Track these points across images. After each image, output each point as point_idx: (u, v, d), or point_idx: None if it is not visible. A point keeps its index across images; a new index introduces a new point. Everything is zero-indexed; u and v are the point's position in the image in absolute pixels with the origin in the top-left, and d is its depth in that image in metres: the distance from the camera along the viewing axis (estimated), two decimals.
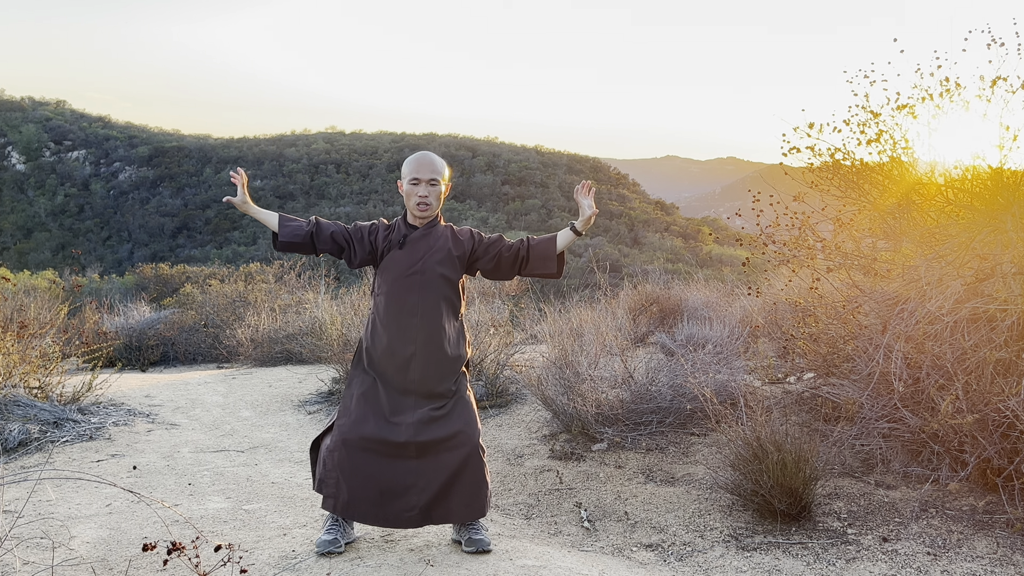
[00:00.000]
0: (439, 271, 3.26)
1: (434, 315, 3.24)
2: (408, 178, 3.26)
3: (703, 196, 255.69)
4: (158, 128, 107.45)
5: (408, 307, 3.23)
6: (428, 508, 3.14)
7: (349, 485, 3.13)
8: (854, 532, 3.57)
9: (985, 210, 3.99)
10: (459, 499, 3.16)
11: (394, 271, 3.26)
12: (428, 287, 3.24)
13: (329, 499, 3.17)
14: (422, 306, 3.23)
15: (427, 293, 3.24)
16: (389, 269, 3.27)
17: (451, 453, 3.15)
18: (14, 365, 5.36)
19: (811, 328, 4.69)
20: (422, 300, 3.23)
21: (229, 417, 6.14)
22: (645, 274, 10.52)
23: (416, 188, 3.24)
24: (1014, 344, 3.67)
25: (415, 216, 3.31)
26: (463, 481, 3.16)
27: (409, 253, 3.27)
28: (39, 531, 3.29)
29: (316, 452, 3.36)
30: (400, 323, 3.22)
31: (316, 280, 11.76)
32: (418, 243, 3.28)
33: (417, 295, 3.23)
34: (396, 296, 3.24)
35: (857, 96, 4.47)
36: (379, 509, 3.13)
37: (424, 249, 3.27)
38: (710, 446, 4.64)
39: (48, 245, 74.82)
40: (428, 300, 3.24)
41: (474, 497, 3.18)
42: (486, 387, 6.01)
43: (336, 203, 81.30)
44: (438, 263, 3.27)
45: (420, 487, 3.13)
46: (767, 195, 4.74)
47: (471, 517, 3.20)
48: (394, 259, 3.27)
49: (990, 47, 4.06)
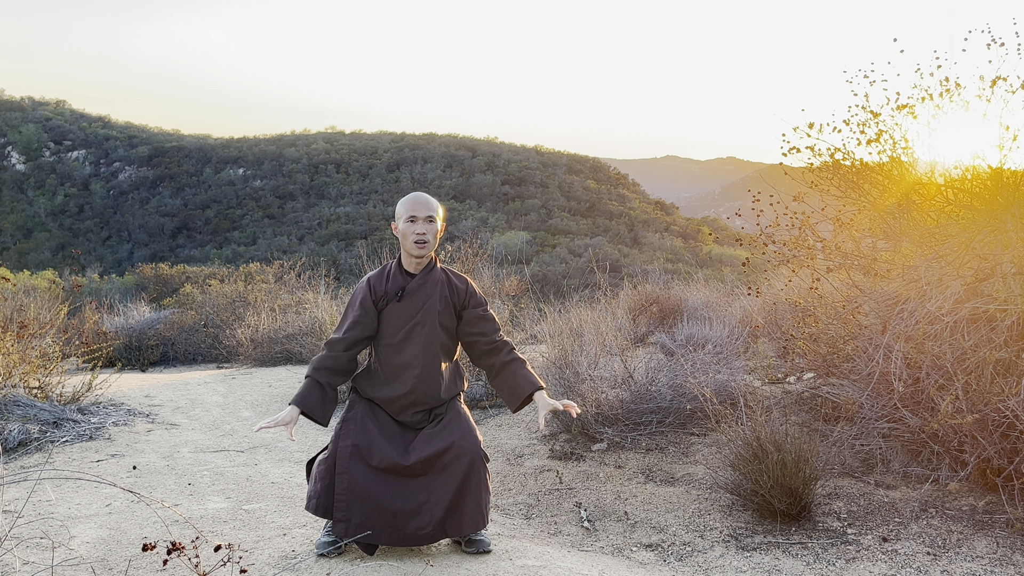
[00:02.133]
0: (438, 321, 3.25)
1: (433, 364, 3.24)
2: (404, 217, 3.21)
3: (703, 196, 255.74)
4: (158, 128, 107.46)
5: (407, 358, 3.23)
6: (442, 522, 3.12)
7: (362, 509, 3.08)
8: (854, 532, 3.57)
9: (985, 210, 3.99)
10: (469, 509, 3.14)
11: (393, 323, 3.24)
12: (428, 338, 3.23)
13: (340, 524, 3.09)
14: (421, 357, 3.23)
15: (426, 343, 3.23)
16: (388, 321, 3.25)
17: (455, 464, 3.13)
18: (14, 365, 5.36)
19: (811, 328, 4.69)
20: (422, 351, 3.23)
21: (229, 417, 6.14)
22: (645, 274, 10.53)
23: (413, 225, 3.19)
24: (1014, 344, 3.67)
25: (411, 257, 3.26)
26: (471, 491, 3.14)
27: (408, 305, 3.24)
28: (39, 531, 3.29)
29: (311, 471, 3.31)
30: (401, 374, 3.23)
31: (316, 280, 11.76)
32: (416, 294, 3.25)
33: (416, 346, 3.23)
34: (396, 347, 3.24)
35: (857, 96, 4.47)
36: (395, 531, 3.10)
37: (423, 300, 3.25)
38: (710, 446, 4.64)
39: (48, 245, 74.83)
40: (428, 351, 3.24)
41: (480, 506, 3.17)
42: (486, 387, 6.01)
43: (336, 203, 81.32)
44: (437, 313, 3.25)
45: (432, 503, 3.11)
46: (767, 195, 4.74)
47: (478, 527, 3.19)
48: (392, 311, 3.25)
49: (990, 47, 4.06)
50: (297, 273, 12.36)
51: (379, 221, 72.15)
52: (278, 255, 14.31)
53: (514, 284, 9.80)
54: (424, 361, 3.23)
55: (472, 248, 8.76)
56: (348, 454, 3.12)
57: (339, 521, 3.09)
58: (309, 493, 3.20)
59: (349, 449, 3.12)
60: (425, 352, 3.23)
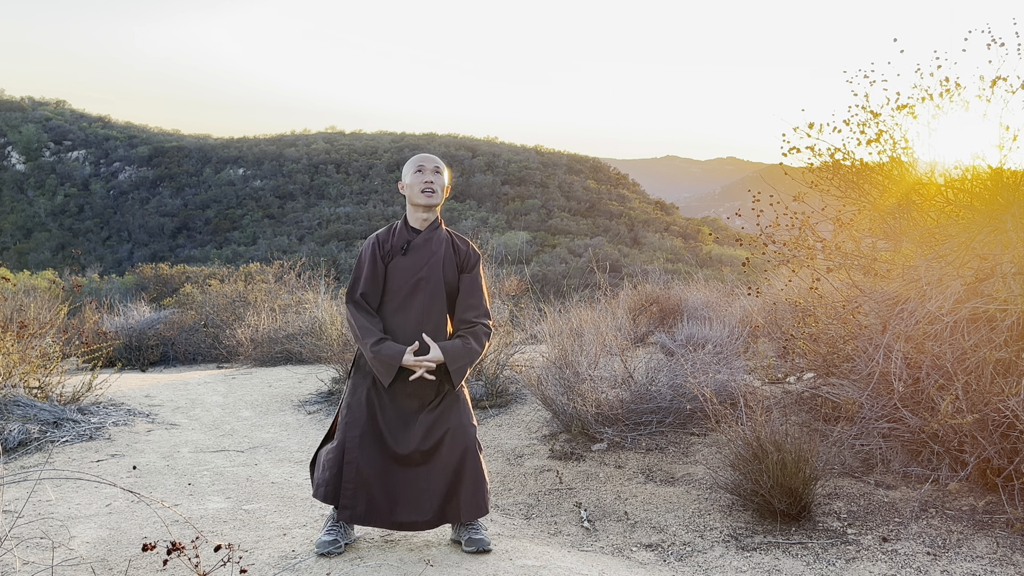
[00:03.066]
0: (443, 277, 3.26)
1: (439, 320, 3.24)
2: (411, 171, 3.26)
3: (703, 196, 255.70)
4: (158, 128, 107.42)
5: (413, 313, 3.23)
6: (441, 508, 3.15)
7: (367, 495, 3.12)
8: (854, 532, 3.57)
9: (985, 210, 3.99)
10: (465, 495, 3.16)
11: (398, 278, 3.24)
12: (433, 294, 3.24)
13: (346, 510, 3.13)
14: (427, 312, 3.23)
15: (431, 299, 3.24)
16: (393, 276, 3.25)
17: (450, 450, 3.16)
18: (14, 365, 5.36)
19: (811, 328, 4.69)
20: (427, 308, 3.23)
21: (229, 417, 6.14)
22: (645, 274, 10.52)
23: (421, 175, 3.23)
24: (1014, 344, 3.67)
25: (418, 210, 3.28)
26: (465, 477, 3.16)
27: (413, 259, 3.25)
28: (39, 531, 3.29)
29: (317, 459, 3.33)
30: (405, 329, 3.22)
31: (316, 280, 11.76)
32: (421, 249, 3.26)
33: (421, 301, 3.23)
34: (401, 302, 3.24)
35: (857, 96, 4.47)
36: (396, 516, 3.14)
37: (428, 254, 3.26)
38: (710, 446, 4.64)
39: (48, 245, 74.82)
40: (433, 307, 3.24)
41: (476, 494, 3.18)
42: (486, 387, 6.01)
43: (336, 203, 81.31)
44: (442, 268, 3.26)
45: (431, 490, 3.14)
46: (767, 195, 4.74)
47: (477, 514, 3.19)
48: (398, 266, 3.25)
49: (990, 47, 4.06)
50: (297, 273, 12.36)
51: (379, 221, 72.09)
52: (278, 255, 14.31)
53: (514, 284, 9.80)
54: (429, 315, 3.22)
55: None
56: (356, 443, 3.15)
57: (345, 508, 3.13)
58: (316, 481, 3.24)
59: (357, 439, 3.15)
60: (430, 309, 3.23)
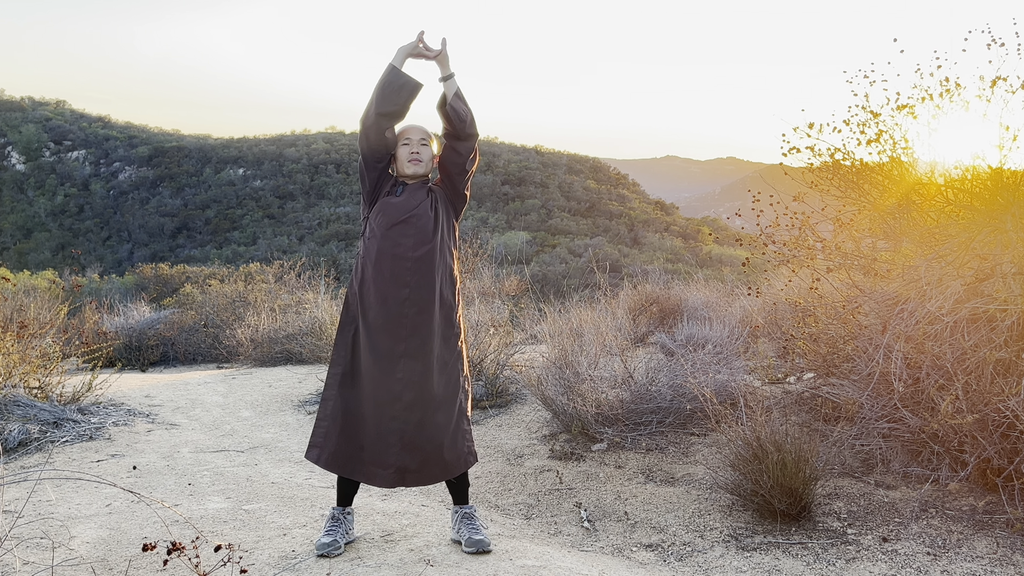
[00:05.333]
0: (435, 214, 3.26)
1: (428, 258, 3.21)
2: (399, 144, 3.30)
3: (703, 196, 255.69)
4: (158, 128, 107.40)
5: (402, 250, 3.20)
6: (403, 469, 3.14)
7: (337, 439, 3.17)
8: (854, 532, 3.57)
9: (985, 210, 3.99)
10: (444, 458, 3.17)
11: (390, 215, 3.24)
12: (423, 230, 3.23)
13: (314, 449, 3.19)
14: (417, 249, 3.21)
15: (422, 236, 3.22)
16: (384, 212, 3.25)
17: (438, 411, 3.15)
18: (14, 365, 5.36)
19: (811, 328, 4.69)
20: (417, 243, 3.21)
21: (229, 417, 6.14)
22: (645, 274, 10.52)
23: (408, 147, 3.28)
24: (1014, 344, 3.67)
25: (405, 178, 3.33)
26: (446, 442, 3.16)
27: (406, 199, 3.28)
28: (39, 531, 3.29)
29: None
30: (394, 267, 3.18)
31: (316, 280, 11.77)
32: (416, 191, 3.29)
33: (412, 238, 3.21)
34: (391, 239, 3.21)
35: (857, 96, 4.47)
36: (359, 465, 3.17)
37: (421, 197, 3.28)
38: (710, 446, 4.64)
39: (48, 245, 74.83)
40: (423, 244, 3.22)
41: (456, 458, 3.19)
42: (486, 387, 6.01)
43: (336, 203, 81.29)
44: (432, 207, 3.27)
45: (400, 446, 3.13)
46: (767, 195, 4.74)
47: (449, 475, 3.20)
48: (389, 203, 3.26)
49: (990, 47, 4.06)
50: (297, 273, 12.35)
51: None
52: (278, 255, 14.31)
53: (514, 284, 9.81)
54: (420, 253, 3.20)
55: (472, 248, 8.76)
56: (337, 380, 3.20)
57: (313, 447, 3.18)
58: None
59: (338, 377, 3.20)
60: (420, 244, 3.20)
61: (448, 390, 3.20)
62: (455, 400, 3.22)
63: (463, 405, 3.26)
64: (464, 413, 3.26)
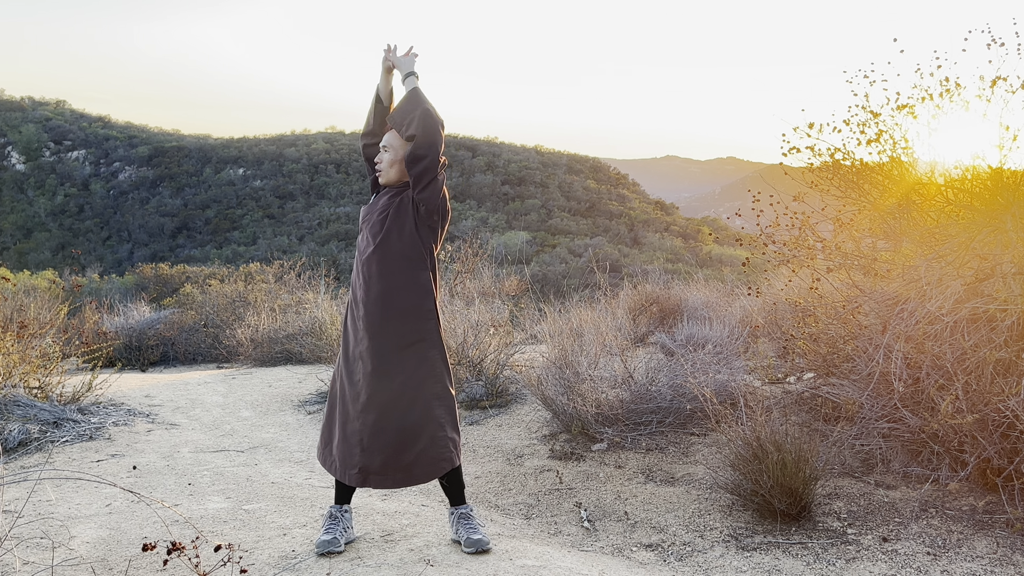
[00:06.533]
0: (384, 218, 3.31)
1: (372, 261, 3.24)
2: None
3: (703, 196, 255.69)
4: (158, 128, 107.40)
5: (360, 252, 3.35)
6: (366, 470, 3.16)
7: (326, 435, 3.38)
8: (854, 532, 3.57)
9: (985, 210, 3.99)
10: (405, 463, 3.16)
11: (363, 218, 3.44)
12: (374, 235, 3.29)
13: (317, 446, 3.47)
14: (364, 253, 3.30)
15: (371, 240, 3.30)
16: (363, 218, 3.46)
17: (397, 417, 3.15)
18: (14, 365, 5.36)
19: (811, 328, 4.69)
20: (366, 246, 3.31)
21: (229, 417, 6.14)
22: (645, 274, 10.52)
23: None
24: (1014, 344, 3.67)
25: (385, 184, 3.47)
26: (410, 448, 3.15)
27: (372, 204, 3.44)
28: (39, 531, 3.29)
29: None
30: (358, 267, 3.33)
31: (316, 280, 11.77)
32: (382, 197, 3.40)
33: (365, 241, 3.34)
34: (363, 243, 3.37)
35: (857, 96, 4.47)
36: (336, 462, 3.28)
37: (387, 204, 3.35)
38: (710, 446, 4.64)
39: (48, 245, 74.83)
40: (369, 247, 3.28)
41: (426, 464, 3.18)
42: (486, 387, 6.01)
43: (336, 203, 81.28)
44: (396, 213, 3.30)
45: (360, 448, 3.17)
46: (767, 195, 4.74)
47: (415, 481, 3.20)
48: (367, 207, 3.47)
49: (990, 47, 4.06)
50: (297, 273, 12.36)
51: None
52: (278, 255, 14.31)
53: (514, 284, 9.80)
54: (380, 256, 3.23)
55: (472, 248, 8.76)
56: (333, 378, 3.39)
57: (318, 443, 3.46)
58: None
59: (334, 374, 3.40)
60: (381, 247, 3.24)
61: (410, 396, 3.16)
62: (425, 407, 3.17)
63: (436, 412, 3.18)
64: (438, 420, 3.18)
